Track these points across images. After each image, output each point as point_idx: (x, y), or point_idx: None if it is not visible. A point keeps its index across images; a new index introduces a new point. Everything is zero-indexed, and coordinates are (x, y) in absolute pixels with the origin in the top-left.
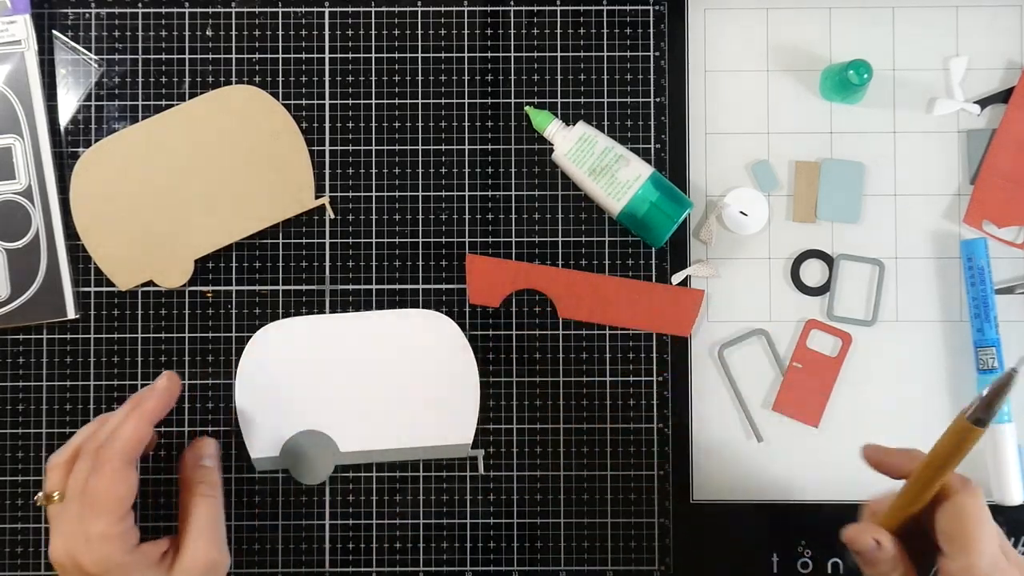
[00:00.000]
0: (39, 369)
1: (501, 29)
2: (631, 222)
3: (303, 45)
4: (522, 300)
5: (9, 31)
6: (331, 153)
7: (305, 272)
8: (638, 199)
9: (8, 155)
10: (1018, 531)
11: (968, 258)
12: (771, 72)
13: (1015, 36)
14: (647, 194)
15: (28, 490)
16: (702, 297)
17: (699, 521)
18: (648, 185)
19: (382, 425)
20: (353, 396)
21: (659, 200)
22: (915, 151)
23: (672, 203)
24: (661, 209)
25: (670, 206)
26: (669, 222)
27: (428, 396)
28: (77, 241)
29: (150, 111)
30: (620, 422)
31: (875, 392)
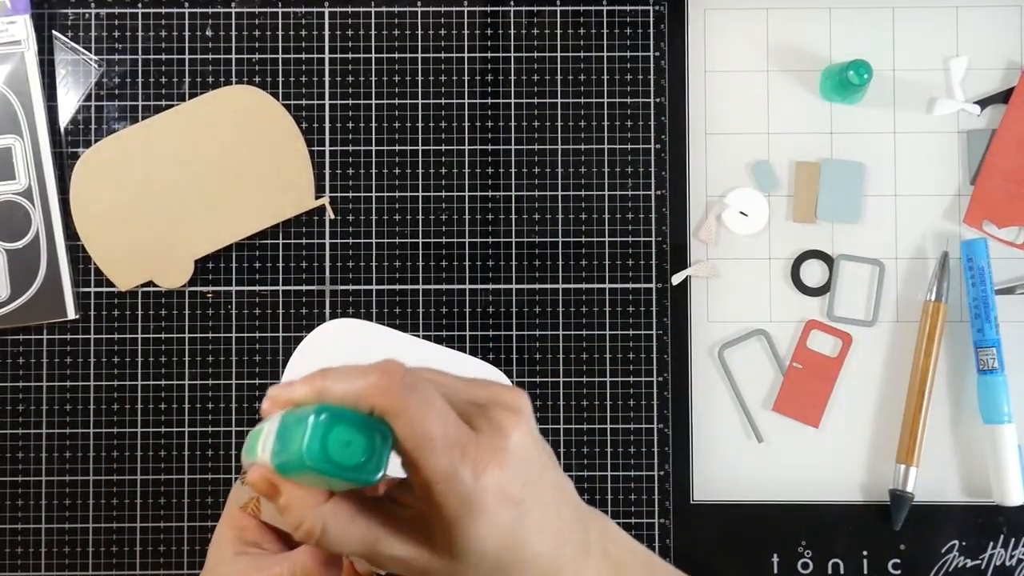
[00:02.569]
0: (39, 369)
1: (501, 29)
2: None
3: (303, 45)
4: (521, 300)
5: (9, 31)
6: (331, 153)
7: (305, 272)
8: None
9: (8, 155)
10: (1018, 531)
11: (968, 258)
12: (771, 72)
13: (1015, 36)
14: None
15: (28, 490)
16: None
17: (699, 521)
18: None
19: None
20: None
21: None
22: (915, 151)
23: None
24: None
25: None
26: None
27: None
28: (77, 241)
29: (150, 111)
30: (620, 422)
31: (875, 392)
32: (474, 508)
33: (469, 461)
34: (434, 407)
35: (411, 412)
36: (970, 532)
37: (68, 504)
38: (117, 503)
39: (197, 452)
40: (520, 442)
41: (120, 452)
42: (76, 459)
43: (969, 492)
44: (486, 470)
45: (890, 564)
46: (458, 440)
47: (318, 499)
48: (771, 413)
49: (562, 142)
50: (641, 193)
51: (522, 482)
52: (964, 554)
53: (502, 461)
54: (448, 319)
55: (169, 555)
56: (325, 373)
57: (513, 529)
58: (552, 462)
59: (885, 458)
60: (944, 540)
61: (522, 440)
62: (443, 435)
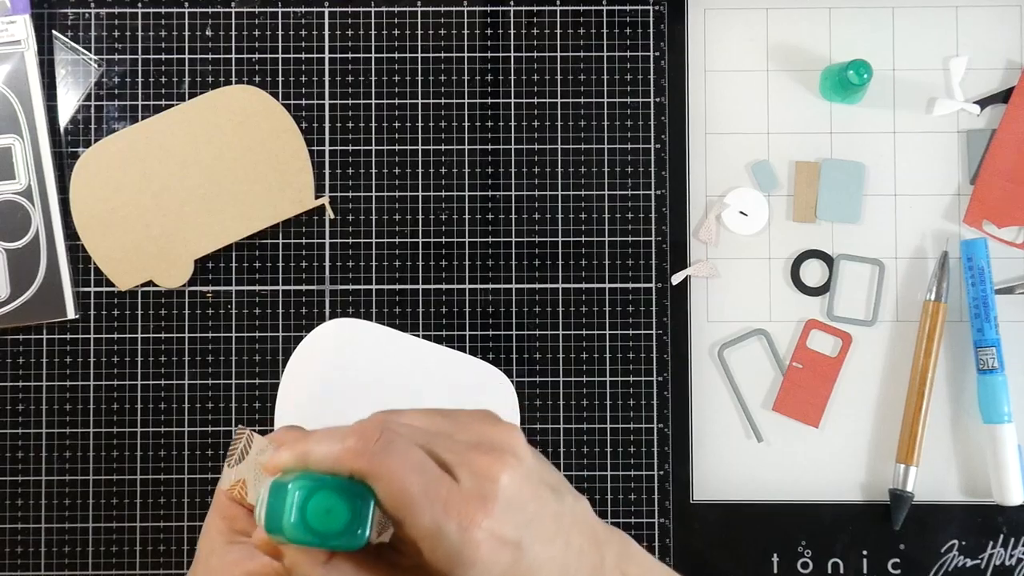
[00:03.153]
0: (39, 369)
1: (501, 29)
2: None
3: (303, 45)
4: (521, 300)
5: (9, 31)
6: (331, 153)
7: (305, 272)
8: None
9: (8, 155)
10: (1018, 531)
11: (968, 258)
12: (771, 72)
13: (1015, 36)
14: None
15: (28, 490)
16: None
17: (699, 521)
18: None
19: None
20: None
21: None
22: (915, 151)
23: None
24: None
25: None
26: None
27: None
28: (77, 241)
29: (150, 111)
30: (620, 422)
31: (875, 392)
32: (465, 561)
33: (453, 514)
34: (412, 464)
35: (388, 472)
36: (970, 532)
37: (68, 504)
38: (117, 503)
39: (197, 452)
40: (509, 484)
41: (120, 452)
42: (76, 459)
43: (969, 492)
44: (472, 521)
45: (890, 564)
46: (439, 494)
47: (319, 559)
48: (771, 413)
49: (562, 142)
50: (641, 193)
51: (515, 523)
52: (964, 554)
53: (489, 509)
54: (448, 319)
55: (169, 555)
56: (307, 437)
57: (512, 570)
58: (554, 491)
59: (885, 458)
60: (944, 540)
61: (511, 481)
62: (423, 492)
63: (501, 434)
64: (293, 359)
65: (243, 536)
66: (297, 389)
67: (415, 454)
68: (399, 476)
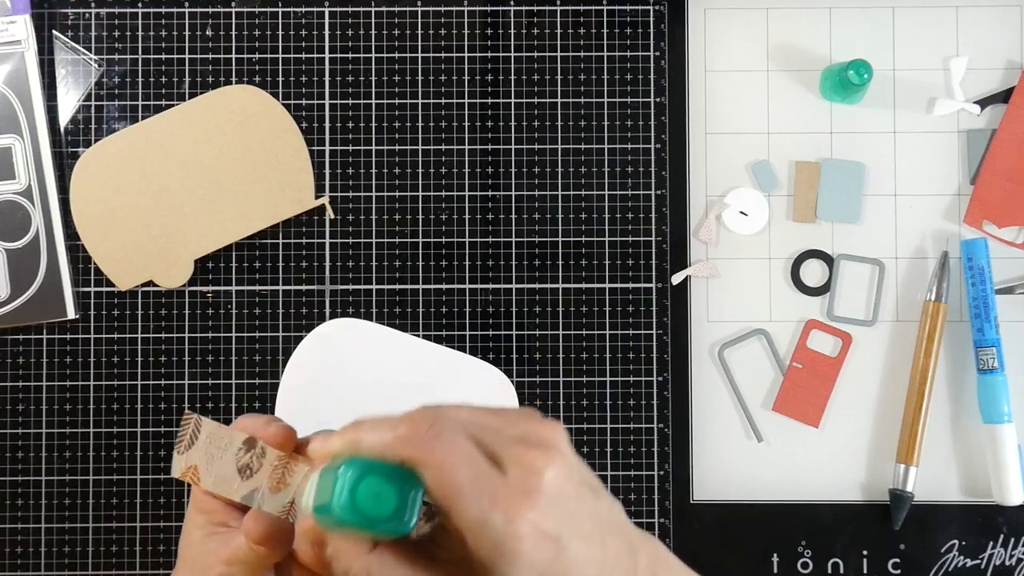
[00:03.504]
0: (39, 369)
1: (501, 29)
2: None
3: (303, 45)
4: (521, 300)
5: (9, 31)
6: (331, 153)
7: (305, 272)
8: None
9: (8, 155)
10: (1018, 531)
11: (968, 258)
12: (771, 72)
13: (1015, 36)
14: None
15: (28, 490)
16: None
17: (699, 521)
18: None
19: None
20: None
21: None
22: (915, 151)
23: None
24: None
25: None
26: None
27: None
28: (77, 241)
29: (150, 111)
30: (620, 422)
31: (875, 392)
32: (508, 552)
33: (500, 507)
34: (462, 454)
35: (438, 461)
36: (970, 532)
37: (68, 504)
38: (117, 503)
39: None
40: (554, 479)
41: (120, 452)
42: (76, 459)
43: (969, 492)
44: (517, 513)
45: (890, 564)
46: (487, 486)
47: (363, 548)
48: (771, 413)
49: (562, 142)
50: (641, 193)
51: (557, 518)
52: (964, 554)
53: (534, 502)
54: (448, 319)
55: (169, 555)
56: (358, 425)
57: (552, 566)
58: (593, 491)
59: (885, 458)
60: (944, 540)
61: (556, 477)
62: (471, 483)
63: (546, 430)
64: (293, 359)
65: (221, 527)
66: (297, 389)
67: (465, 445)
68: (449, 466)
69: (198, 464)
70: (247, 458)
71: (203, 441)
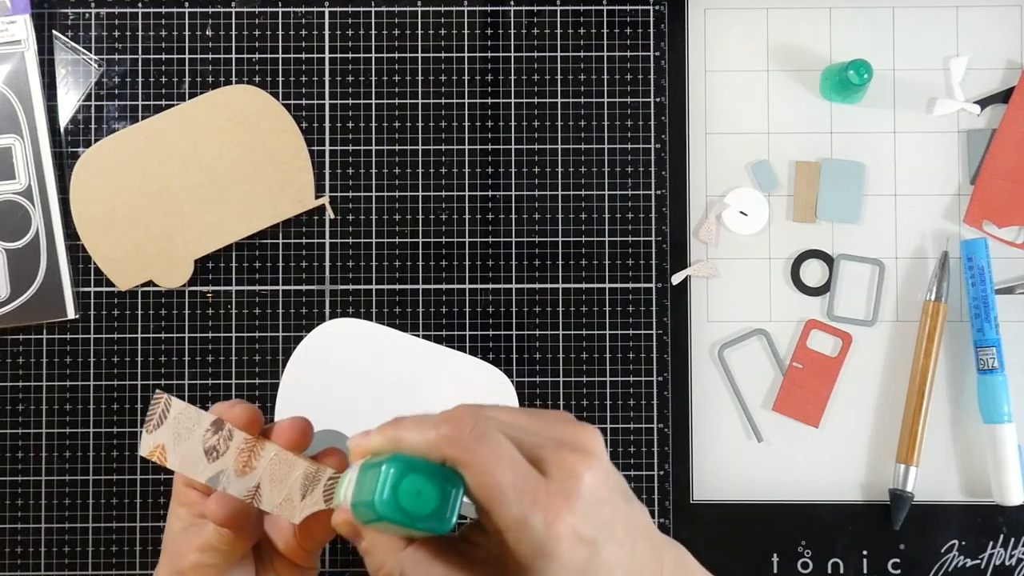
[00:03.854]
0: (39, 369)
1: (501, 29)
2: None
3: (303, 45)
4: (521, 300)
5: (9, 31)
6: (331, 153)
7: (305, 272)
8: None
9: (8, 155)
10: (1018, 531)
11: (968, 258)
12: (771, 72)
13: (1015, 36)
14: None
15: (28, 490)
16: None
17: (699, 521)
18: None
19: None
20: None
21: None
22: (915, 151)
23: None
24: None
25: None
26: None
27: None
28: (77, 241)
29: (150, 111)
30: (620, 422)
31: (875, 392)
32: (547, 553)
33: (540, 508)
34: (504, 456)
35: (481, 462)
36: (970, 532)
37: (68, 504)
38: (117, 503)
39: None
40: (592, 484)
41: (120, 452)
42: (76, 459)
43: (969, 492)
44: (557, 516)
45: (890, 564)
46: (528, 488)
47: (397, 545)
48: (771, 413)
49: (562, 142)
50: (641, 193)
51: (593, 522)
52: (964, 554)
53: (573, 505)
54: (448, 319)
55: None
56: (399, 422)
57: (586, 569)
58: (624, 496)
59: (885, 458)
60: (944, 540)
61: (594, 482)
62: (513, 484)
63: (584, 434)
64: (293, 359)
65: (200, 519)
66: (297, 389)
67: (507, 446)
68: (492, 467)
69: (166, 444)
70: (214, 440)
71: (171, 421)
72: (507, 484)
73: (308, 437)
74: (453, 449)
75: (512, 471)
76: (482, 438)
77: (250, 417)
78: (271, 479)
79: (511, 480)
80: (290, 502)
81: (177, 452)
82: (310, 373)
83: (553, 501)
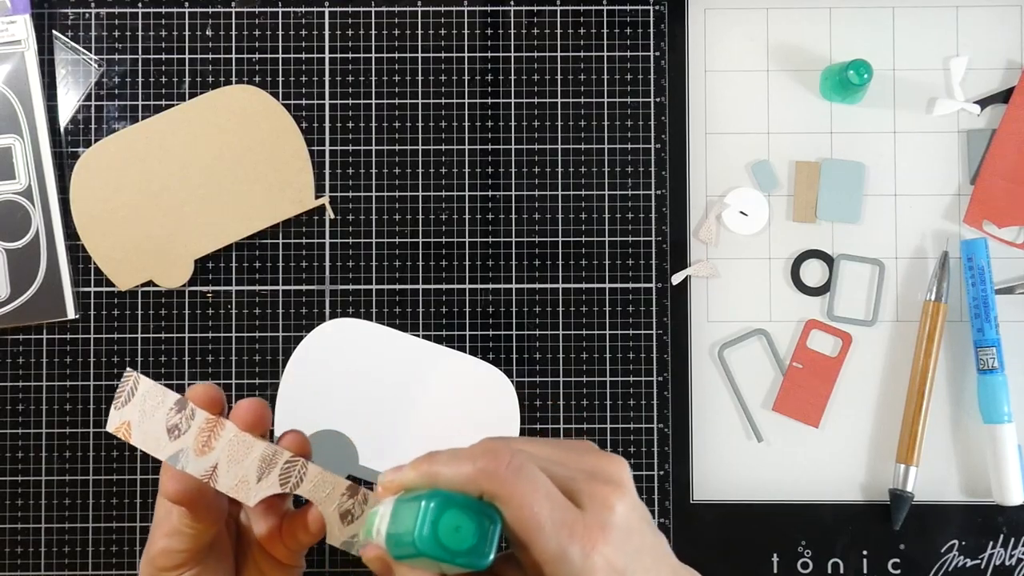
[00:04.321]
0: (39, 369)
1: (501, 29)
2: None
3: (303, 45)
4: (521, 300)
5: (9, 31)
6: (331, 153)
7: (305, 272)
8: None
9: (8, 155)
10: (1018, 531)
11: (968, 258)
12: (771, 72)
13: (1015, 36)
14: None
15: (28, 490)
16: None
17: (699, 521)
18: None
19: (407, 455)
20: (393, 418)
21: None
22: (915, 151)
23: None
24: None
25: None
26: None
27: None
28: (77, 241)
29: (150, 111)
30: (620, 422)
31: (875, 392)
32: None
33: (577, 540)
34: (540, 489)
35: (519, 497)
36: (970, 532)
37: (68, 504)
38: (117, 503)
39: None
40: (623, 515)
41: (120, 452)
42: (76, 459)
43: (969, 492)
44: (594, 548)
45: (890, 564)
46: (566, 520)
47: None
48: (771, 413)
49: (562, 142)
50: (641, 193)
51: (625, 552)
52: (964, 554)
53: (608, 537)
54: (448, 319)
55: None
56: (433, 457)
57: None
58: (649, 525)
59: (885, 458)
60: (944, 540)
61: (625, 512)
62: (551, 517)
63: (613, 465)
64: (293, 359)
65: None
66: (297, 389)
67: (543, 480)
68: (530, 500)
69: (131, 420)
70: (177, 418)
71: (139, 398)
72: (545, 517)
73: (264, 418)
74: (491, 483)
75: (549, 504)
76: (519, 471)
77: (212, 397)
78: (229, 460)
79: (548, 513)
80: (246, 483)
81: (141, 429)
82: (310, 373)
83: (590, 533)
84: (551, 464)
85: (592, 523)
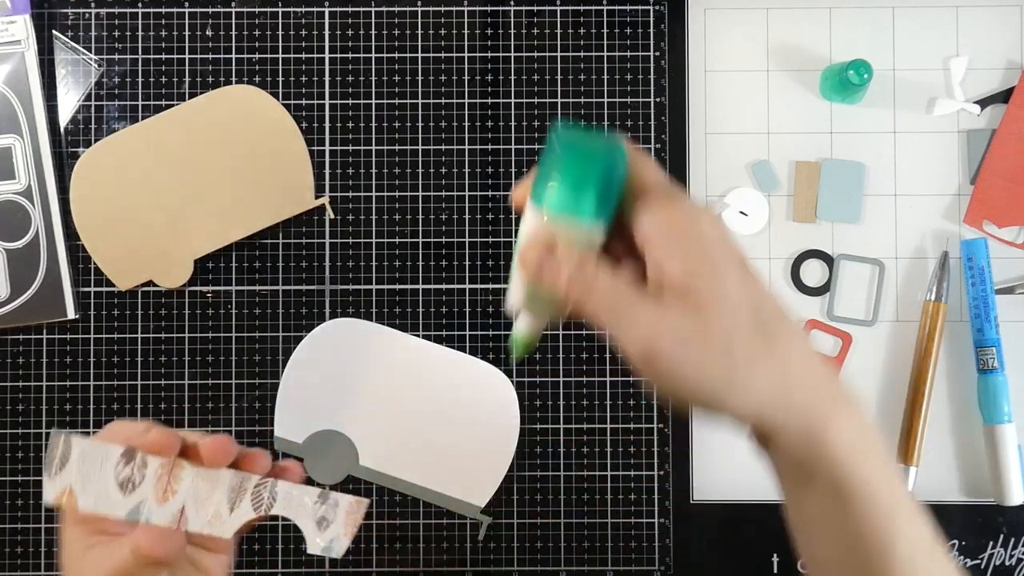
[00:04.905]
0: (39, 369)
1: (501, 29)
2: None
3: (303, 45)
4: None
5: (9, 31)
6: (331, 153)
7: (305, 272)
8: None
9: (8, 155)
10: (1018, 531)
11: (968, 258)
12: (771, 72)
13: (1015, 36)
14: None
15: (28, 490)
16: None
17: (699, 521)
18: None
19: (407, 455)
20: (393, 418)
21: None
22: (915, 151)
23: None
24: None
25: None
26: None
27: (461, 448)
28: (77, 241)
29: (150, 111)
30: (620, 422)
31: (875, 392)
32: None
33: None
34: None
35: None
36: (970, 532)
37: None
38: None
39: None
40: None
41: None
42: None
43: (969, 492)
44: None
45: None
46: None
47: (588, 258)
48: None
49: None
50: None
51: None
52: (964, 554)
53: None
54: (448, 319)
55: None
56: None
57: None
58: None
59: None
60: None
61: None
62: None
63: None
64: (293, 359)
65: (100, 535)
66: (297, 389)
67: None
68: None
69: (73, 485)
70: (127, 471)
71: (75, 460)
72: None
73: (229, 454)
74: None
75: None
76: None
77: (166, 442)
78: (195, 500)
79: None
80: (219, 518)
81: (88, 492)
82: (310, 373)
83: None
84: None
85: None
